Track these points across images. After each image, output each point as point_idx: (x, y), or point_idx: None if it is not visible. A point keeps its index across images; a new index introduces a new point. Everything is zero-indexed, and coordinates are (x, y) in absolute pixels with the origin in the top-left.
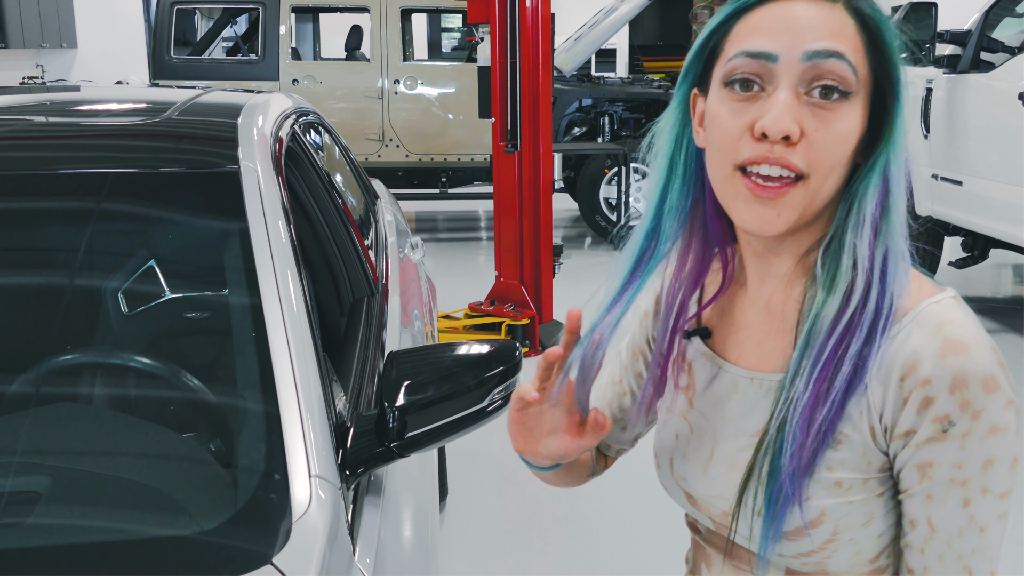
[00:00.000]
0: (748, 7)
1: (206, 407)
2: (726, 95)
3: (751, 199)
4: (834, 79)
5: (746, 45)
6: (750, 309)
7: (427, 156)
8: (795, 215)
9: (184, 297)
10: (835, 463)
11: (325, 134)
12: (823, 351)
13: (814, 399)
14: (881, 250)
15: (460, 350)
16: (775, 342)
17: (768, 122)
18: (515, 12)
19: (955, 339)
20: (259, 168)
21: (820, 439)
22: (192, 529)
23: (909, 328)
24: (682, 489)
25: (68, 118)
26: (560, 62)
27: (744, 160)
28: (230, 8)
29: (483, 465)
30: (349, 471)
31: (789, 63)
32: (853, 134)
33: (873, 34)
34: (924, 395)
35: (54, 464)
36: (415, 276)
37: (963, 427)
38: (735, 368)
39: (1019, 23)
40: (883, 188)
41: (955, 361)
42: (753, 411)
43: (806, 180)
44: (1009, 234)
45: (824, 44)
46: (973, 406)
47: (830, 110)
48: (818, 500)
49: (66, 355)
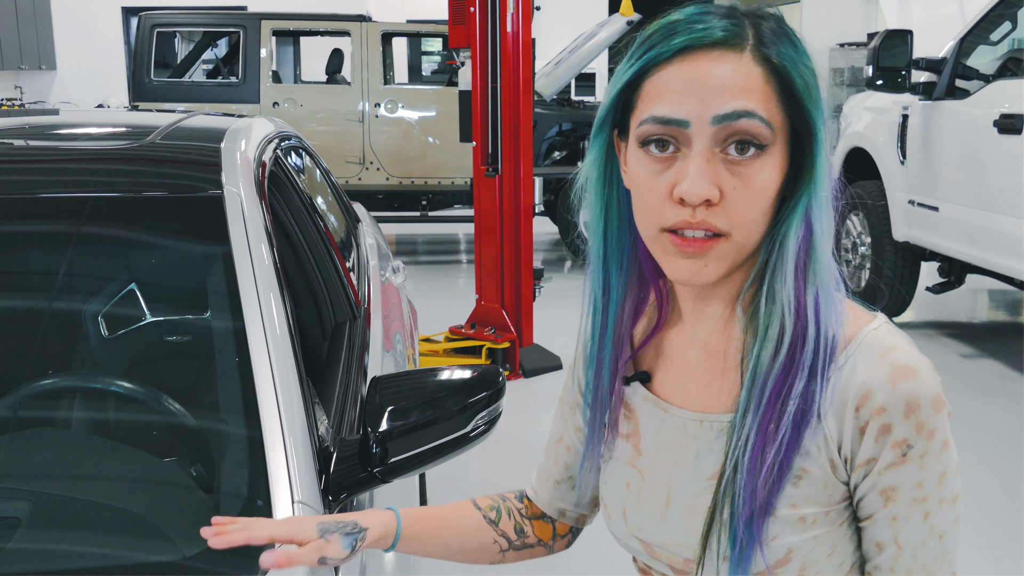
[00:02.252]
0: (657, 63)
1: (188, 432)
2: (643, 157)
3: (680, 254)
4: (747, 135)
5: (656, 111)
6: (690, 351)
7: (408, 179)
8: (724, 265)
9: (167, 321)
10: (798, 499)
11: (307, 157)
12: (766, 393)
13: (762, 439)
14: (812, 291)
15: (443, 375)
16: (720, 383)
17: (686, 188)
18: (496, 37)
19: (902, 364)
20: (242, 193)
21: (775, 477)
22: (174, 555)
23: (855, 358)
24: (638, 539)
25: (51, 142)
26: (540, 86)
27: (669, 226)
28: (210, 31)
29: (464, 490)
30: (332, 496)
31: (700, 127)
32: (772, 184)
33: (784, 80)
34: (881, 423)
35: (34, 490)
36: (397, 300)
37: (920, 448)
38: (683, 412)
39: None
40: (806, 229)
41: (905, 386)
42: (707, 455)
43: (729, 236)
44: (985, 260)
45: (733, 105)
46: (927, 427)
47: (746, 166)
48: (784, 538)
49: (47, 379)
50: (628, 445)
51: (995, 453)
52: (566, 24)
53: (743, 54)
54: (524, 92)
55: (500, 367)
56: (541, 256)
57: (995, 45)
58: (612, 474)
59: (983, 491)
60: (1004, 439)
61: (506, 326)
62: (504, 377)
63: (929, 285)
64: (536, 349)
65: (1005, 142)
